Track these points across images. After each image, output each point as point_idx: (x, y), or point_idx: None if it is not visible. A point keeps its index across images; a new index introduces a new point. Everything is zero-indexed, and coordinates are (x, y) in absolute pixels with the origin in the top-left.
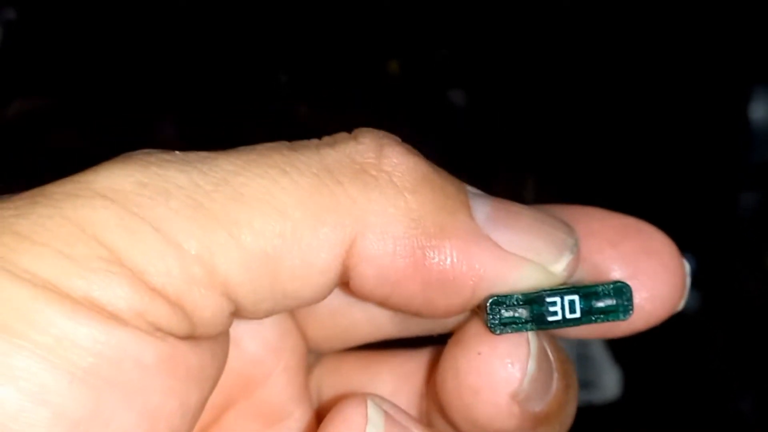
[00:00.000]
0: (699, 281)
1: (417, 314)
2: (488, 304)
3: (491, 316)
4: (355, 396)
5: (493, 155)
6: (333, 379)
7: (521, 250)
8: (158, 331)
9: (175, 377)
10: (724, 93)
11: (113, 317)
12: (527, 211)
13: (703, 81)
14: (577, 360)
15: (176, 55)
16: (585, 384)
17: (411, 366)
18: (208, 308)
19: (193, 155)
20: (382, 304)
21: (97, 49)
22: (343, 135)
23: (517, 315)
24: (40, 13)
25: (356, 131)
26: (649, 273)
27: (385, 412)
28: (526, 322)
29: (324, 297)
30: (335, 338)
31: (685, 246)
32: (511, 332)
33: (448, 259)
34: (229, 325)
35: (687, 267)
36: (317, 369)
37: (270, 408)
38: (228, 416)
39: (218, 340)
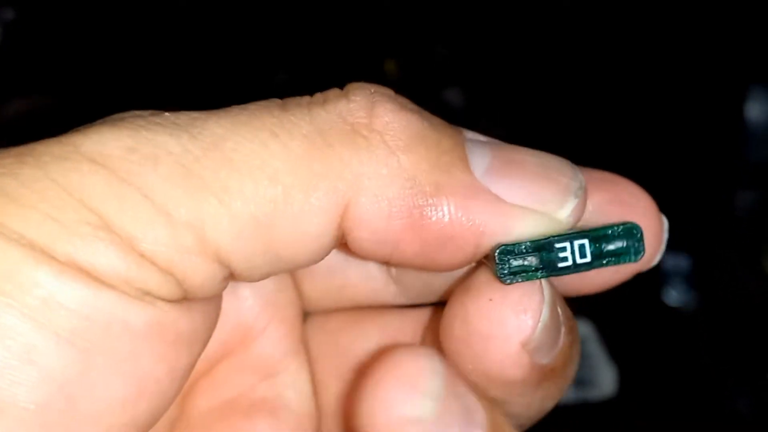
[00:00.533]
0: (695, 280)
1: (422, 269)
2: (496, 254)
3: (500, 266)
4: (408, 348)
5: None
6: (319, 336)
7: (523, 200)
8: (147, 296)
9: (164, 342)
10: (721, 92)
11: (101, 282)
12: (530, 158)
13: (700, 81)
14: None
15: (175, 55)
16: (581, 382)
17: (398, 325)
18: (199, 275)
19: (184, 117)
20: (386, 263)
21: (96, 48)
22: (335, 92)
23: (526, 263)
24: (39, 13)
25: (348, 87)
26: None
27: (444, 371)
28: (537, 269)
29: (321, 259)
30: (329, 297)
31: (681, 245)
32: (522, 281)
33: (447, 217)
34: (225, 287)
35: (665, 223)
36: (304, 327)
37: (265, 361)
38: (222, 367)
39: (211, 300)
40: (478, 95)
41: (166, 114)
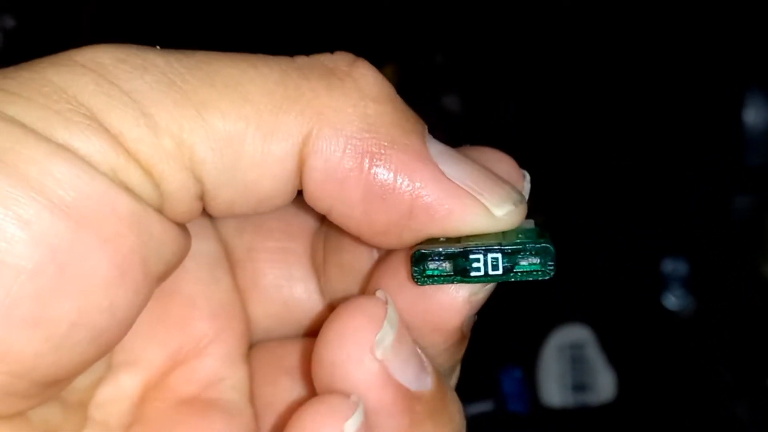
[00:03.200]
0: (694, 284)
1: (357, 234)
2: (413, 256)
3: (416, 269)
4: (370, 296)
5: None
6: (259, 354)
7: (465, 184)
8: (129, 190)
9: (142, 236)
10: (719, 97)
11: (93, 167)
12: (481, 163)
13: (698, 85)
14: (572, 362)
15: None
16: (580, 386)
17: (288, 347)
18: (174, 181)
19: (172, 50)
20: (327, 213)
21: None
22: (323, 53)
23: (441, 268)
24: (40, 20)
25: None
26: None
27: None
28: (449, 275)
29: (282, 200)
30: (276, 316)
31: (679, 249)
32: (435, 284)
33: (391, 172)
34: (195, 213)
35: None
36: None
37: (216, 367)
38: (176, 374)
39: (182, 232)
40: (476, 102)
41: (158, 47)
